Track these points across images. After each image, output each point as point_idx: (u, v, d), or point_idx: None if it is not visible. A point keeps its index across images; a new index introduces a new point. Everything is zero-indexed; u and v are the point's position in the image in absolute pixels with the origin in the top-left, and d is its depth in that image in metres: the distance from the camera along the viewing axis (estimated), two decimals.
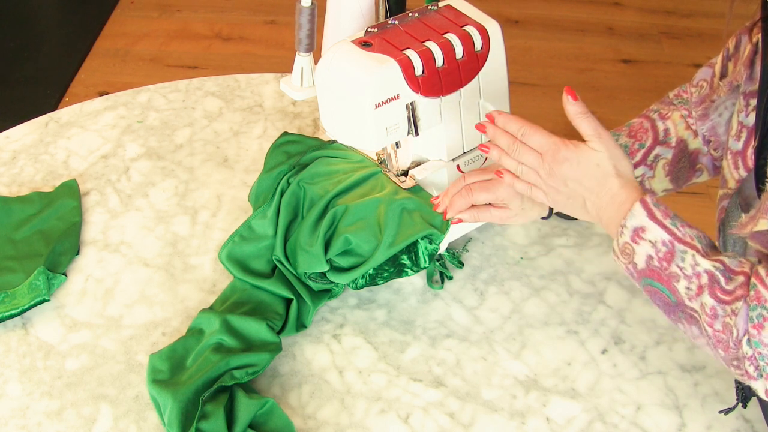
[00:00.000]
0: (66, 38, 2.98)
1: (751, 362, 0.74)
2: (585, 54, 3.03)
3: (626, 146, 1.01)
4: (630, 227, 0.80)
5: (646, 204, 0.80)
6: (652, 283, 0.80)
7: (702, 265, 0.77)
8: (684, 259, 0.78)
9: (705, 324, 0.77)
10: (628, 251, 0.81)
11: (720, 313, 0.75)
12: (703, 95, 0.97)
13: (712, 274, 0.76)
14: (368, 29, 0.99)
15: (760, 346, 0.72)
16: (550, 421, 0.94)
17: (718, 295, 0.76)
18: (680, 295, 0.78)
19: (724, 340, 0.76)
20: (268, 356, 0.95)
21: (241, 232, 1.08)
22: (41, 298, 1.01)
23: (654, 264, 0.79)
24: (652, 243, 0.79)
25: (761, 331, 0.72)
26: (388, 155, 1.07)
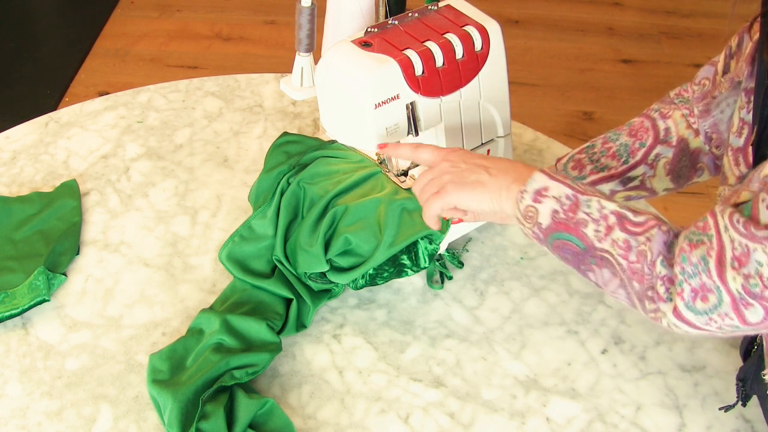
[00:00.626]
0: (66, 38, 2.98)
1: (663, 282, 0.75)
2: (585, 54, 3.03)
3: (627, 145, 1.01)
4: (531, 191, 0.82)
5: (545, 171, 0.83)
6: (559, 236, 0.81)
7: (608, 207, 0.79)
8: (590, 206, 0.79)
9: (619, 258, 0.77)
10: (531, 213, 0.82)
11: (633, 243, 0.77)
12: (705, 92, 0.97)
13: (618, 213, 0.78)
14: (368, 29, 0.99)
15: (685, 262, 0.73)
16: (550, 421, 0.94)
17: (628, 228, 0.78)
18: (589, 239, 0.79)
19: (639, 270, 0.77)
20: (268, 356, 0.95)
21: (241, 232, 1.08)
22: (41, 298, 1.01)
23: (560, 216, 0.80)
24: (556, 198, 0.80)
25: (693, 249, 0.73)
26: (388, 155, 1.07)
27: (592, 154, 1.03)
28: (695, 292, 0.72)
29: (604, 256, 0.79)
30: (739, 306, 0.71)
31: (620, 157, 1.01)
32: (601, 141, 1.04)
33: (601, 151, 1.03)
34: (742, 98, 0.85)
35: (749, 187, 0.76)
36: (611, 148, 1.02)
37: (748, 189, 0.76)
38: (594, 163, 1.02)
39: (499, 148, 1.12)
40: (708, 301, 0.72)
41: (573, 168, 1.03)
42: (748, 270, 0.69)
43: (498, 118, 1.10)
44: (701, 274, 0.72)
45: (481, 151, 1.10)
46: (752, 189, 0.75)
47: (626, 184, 1.02)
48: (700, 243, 0.73)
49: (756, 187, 0.74)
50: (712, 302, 0.72)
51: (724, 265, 0.71)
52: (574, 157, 1.04)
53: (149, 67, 2.84)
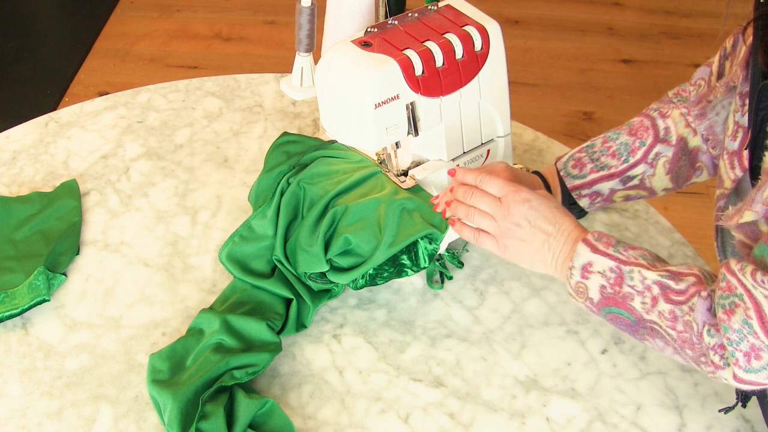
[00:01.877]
0: (66, 38, 2.99)
1: (715, 351, 0.76)
2: (585, 54, 3.03)
3: (627, 144, 1.01)
4: (578, 267, 0.83)
5: (587, 241, 0.84)
6: (610, 310, 0.83)
7: (650, 278, 0.80)
8: (632, 278, 0.81)
9: (667, 329, 0.79)
10: (582, 289, 0.84)
11: (678, 314, 0.78)
12: (700, 95, 0.98)
13: (660, 283, 0.79)
14: (368, 29, 0.99)
15: (728, 332, 0.74)
16: (550, 421, 0.94)
17: (672, 298, 0.78)
18: (638, 312, 0.81)
19: (688, 339, 0.78)
20: (268, 356, 0.95)
21: (241, 232, 1.08)
22: (41, 298, 1.01)
23: (607, 292, 0.82)
24: (601, 273, 0.82)
25: (731, 316, 0.73)
26: (388, 155, 1.07)
27: (592, 153, 1.03)
28: (748, 355, 0.73)
29: (654, 327, 0.80)
30: None
31: (620, 156, 1.01)
32: (600, 140, 1.04)
33: (601, 150, 1.03)
34: (736, 101, 0.85)
35: (752, 207, 0.76)
36: (611, 147, 1.02)
37: (750, 209, 0.76)
38: (594, 162, 1.02)
39: (499, 148, 1.12)
40: (762, 359, 0.73)
41: (573, 167, 1.03)
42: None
43: (498, 118, 1.10)
44: (747, 337, 0.73)
45: (482, 151, 1.10)
46: (755, 209, 0.75)
47: (626, 183, 1.02)
48: (734, 306, 0.73)
49: (759, 208, 0.75)
50: (766, 360, 0.73)
51: (766, 321, 0.72)
52: (574, 156, 1.04)
53: (149, 67, 2.84)
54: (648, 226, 1.19)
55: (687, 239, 1.18)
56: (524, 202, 0.88)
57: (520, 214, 0.87)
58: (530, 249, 0.88)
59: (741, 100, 0.85)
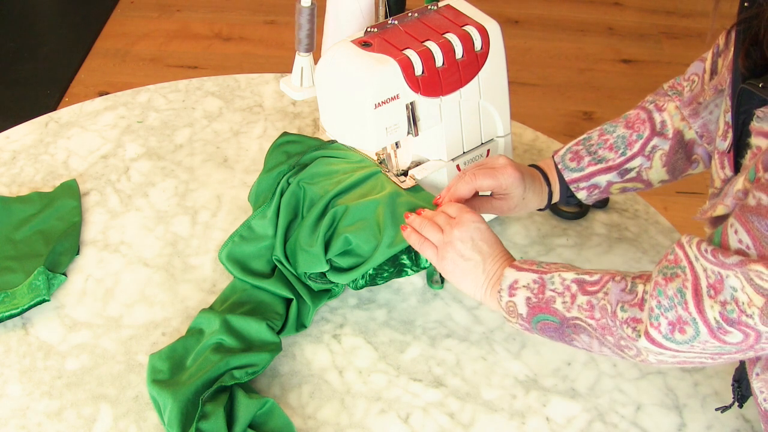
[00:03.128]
0: (66, 38, 2.99)
1: (628, 324, 0.78)
2: (585, 54, 3.03)
3: (624, 137, 1.02)
4: (505, 287, 0.87)
5: (513, 265, 0.88)
6: (538, 318, 0.85)
7: (568, 278, 0.84)
8: (553, 282, 0.84)
9: (587, 320, 0.81)
10: (512, 308, 0.86)
11: (594, 302, 0.81)
12: (692, 96, 0.98)
13: (577, 280, 0.83)
14: (368, 29, 0.99)
15: (662, 296, 0.75)
16: (550, 421, 0.94)
17: (588, 290, 0.82)
18: (560, 313, 0.83)
19: (605, 324, 0.80)
20: (268, 356, 0.95)
21: (241, 232, 1.08)
22: (41, 298, 1.01)
23: (533, 302, 0.85)
24: (526, 286, 0.85)
25: (668, 283, 0.75)
26: (388, 155, 1.07)
27: (589, 146, 1.03)
28: (672, 325, 0.74)
29: (577, 323, 0.82)
30: (716, 334, 0.72)
31: (618, 149, 1.02)
32: (597, 133, 1.04)
33: (598, 143, 1.03)
34: (726, 102, 0.86)
35: (723, 201, 0.77)
36: (608, 140, 1.03)
37: (722, 203, 0.77)
38: (592, 155, 1.03)
39: (499, 148, 1.12)
40: (686, 333, 0.74)
41: (571, 160, 1.03)
42: (724, 297, 0.71)
43: (498, 118, 1.10)
44: (677, 306, 0.73)
45: (481, 150, 1.10)
46: (726, 203, 0.76)
47: (623, 176, 1.03)
48: (674, 276, 0.75)
49: (730, 201, 0.76)
50: (690, 334, 0.73)
51: (700, 295, 0.72)
52: (571, 149, 1.04)
53: (149, 67, 2.84)
54: (648, 226, 1.19)
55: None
56: (473, 222, 0.91)
57: (467, 230, 0.91)
58: (466, 267, 0.90)
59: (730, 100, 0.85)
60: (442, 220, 0.94)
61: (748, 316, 0.70)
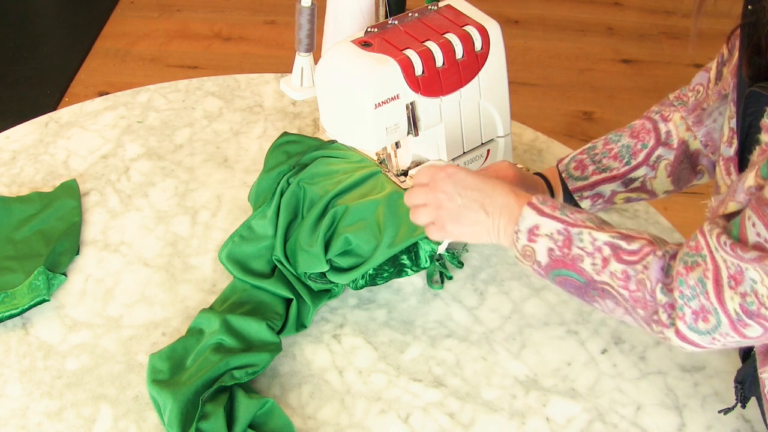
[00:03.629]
0: (66, 38, 2.98)
1: (665, 310, 0.76)
2: (585, 54, 3.03)
3: (629, 146, 1.02)
4: (524, 230, 0.82)
5: (533, 204, 0.83)
6: (559, 273, 0.82)
7: (600, 239, 0.79)
8: (582, 240, 0.80)
9: (620, 289, 0.78)
10: (529, 252, 0.83)
11: (631, 273, 0.78)
12: (695, 103, 0.98)
13: (611, 244, 0.79)
14: (368, 29, 0.99)
15: (683, 286, 0.74)
16: (550, 421, 0.94)
17: (624, 258, 0.78)
18: (588, 273, 0.80)
19: (641, 297, 0.77)
20: (268, 356, 0.95)
21: (241, 233, 1.08)
22: (41, 298, 1.01)
23: (556, 254, 0.81)
24: (549, 236, 0.81)
25: (689, 272, 0.74)
26: (388, 155, 1.08)
27: (593, 155, 1.03)
28: (696, 314, 0.74)
29: (605, 288, 0.79)
30: (737, 326, 0.72)
31: (622, 158, 1.02)
32: (602, 142, 1.04)
33: (602, 152, 1.03)
34: (731, 108, 0.86)
35: (734, 198, 0.77)
36: (613, 150, 1.02)
37: (733, 199, 0.77)
38: (596, 163, 1.02)
39: (499, 148, 1.12)
40: (709, 322, 0.73)
41: (575, 168, 1.03)
42: (744, 288, 0.71)
43: (498, 118, 1.10)
44: (699, 296, 0.73)
45: (482, 151, 1.10)
46: (738, 200, 0.76)
47: (628, 185, 1.02)
48: (695, 265, 0.74)
49: (741, 197, 0.75)
50: (713, 323, 0.73)
51: (721, 285, 0.72)
52: (575, 158, 1.04)
53: (149, 67, 2.84)
54: (648, 226, 1.19)
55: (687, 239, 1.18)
56: (447, 177, 0.87)
57: (446, 186, 0.87)
58: (468, 221, 0.86)
59: (735, 106, 0.85)
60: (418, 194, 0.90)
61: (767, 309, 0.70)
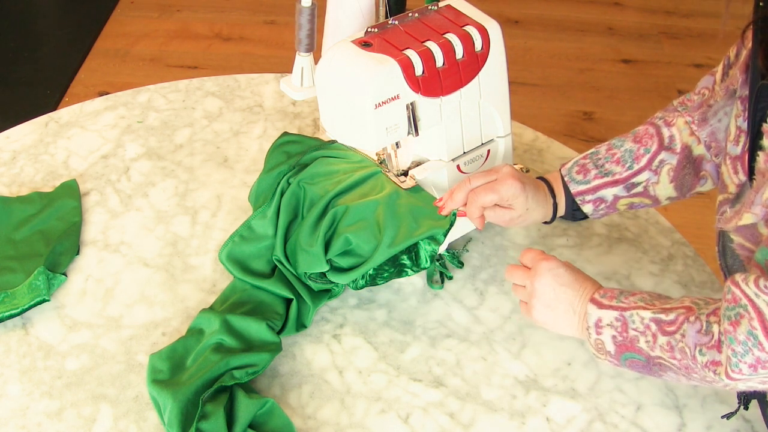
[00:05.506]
0: (66, 38, 2.98)
1: (708, 368, 0.79)
2: (585, 54, 3.03)
3: (632, 151, 1.01)
4: (592, 325, 0.88)
5: (594, 300, 0.88)
6: (626, 356, 0.86)
7: (646, 317, 0.84)
8: (634, 321, 0.85)
9: (670, 360, 0.82)
10: (600, 345, 0.87)
11: (674, 343, 0.81)
12: (700, 101, 0.98)
13: (656, 320, 0.84)
14: (368, 29, 0.99)
15: (734, 343, 0.75)
16: (550, 421, 0.94)
17: (666, 330, 0.82)
18: (645, 352, 0.84)
19: (687, 365, 0.81)
20: (268, 356, 0.95)
21: (241, 232, 1.08)
22: (41, 298, 1.01)
23: (618, 340, 0.86)
24: (610, 325, 0.86)
25: (737, 328, 0.75)
26: (388, 155, 1.07)
27: (596, 160, 1.03)
28: (753, 366, 0.75)
29: (661, 363, 0.83)
30: None
31: (624, 163, 1.01)
32: (605, 147, 1.04)
33: (605, 157, 1.03)
34: (738, 106, 0.85)
35: (750, 210, 0.77)
36: (615, 154, 1.02)
37: (749, 211, 0.77)
38: (598, 168, 1.02)
39: (499, 148, 1.12)
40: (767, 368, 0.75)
41: (577, 173, 1.03)
42: None
43: (498, 118, 1.10)
44: (752, 350, 0.74)
45: (482, 151, 1.10)
46: (754, 212, 0.76)
47: (630, 190, 1.02)
48: (739, 317, 0.75)
49: (759, 210, 0.76)
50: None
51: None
52: (578, 162, 1.04)
53: (149, 67, 2.84)
54: (648, 226, 1.19)
55: (687, 239, 1.18)
56: (549, 270, 0.92)
57: (545, 279, 0.92)
58: (556, 314, 0.91)
59: (742, 104, 0.85)
60: (520, 276, 0.95)
61: None
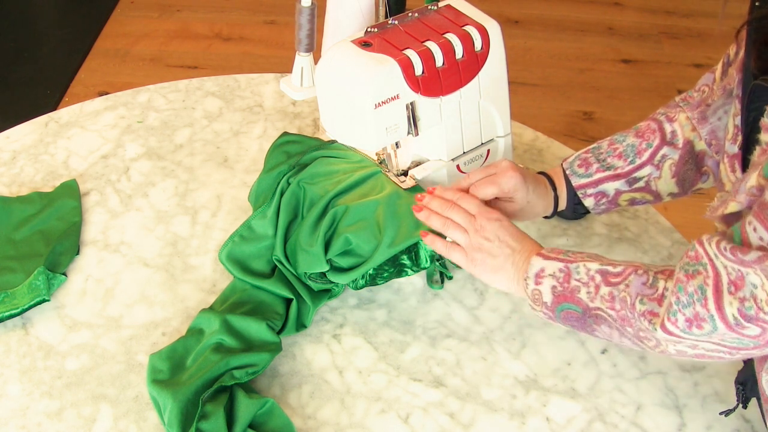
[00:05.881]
0: (66, 38, 2.98)
1: (644, 317, 0.79)
2: (585, 54, 3.03)
3: (634, 146, 1.02)
4: (532, 276, 0.88)
5: (540, 254, 0.89)
6: (562, 307, 0.86)
7: (593, 268, 0.85)
8: (579, 272, 0.85)
9: (608, 310, 0.82)
10: (537, 296, 0.88)
11: (615, 293, 0.82)
12: (700, 100, 0.98)
13: (602, 270, 0.84)
14: (368, 29, 0.99)
15: (682, 292, 0.76)
16: (550, 421, 0.94)
17: (611, 281, 0.83)
18: (584, 302, 0.84)
19: (625, 315, 0.81)
20: (268, 356, 0.95)
21: (241, 233, 1.08)
22: (41, 298, 1.01)
23: (558, 290, 0.86)
24: (552, 275, 0.86)
25: (690, 280, 0.75)
26: (388, 155, 1.07)
27: (598, 154, 1.03)
28: (689, 321, 0.75)
29: (599, 314, 0.83)
30: (734, 329, 0.73)
31: (627, 157, 1.02)
32: (607, 142, 1.04)
33: (607, 151, 1.03)
34: (735, 105, 0.86)
35: (736, 198, 0.77)
36: (618, 149, 1.02)
37: (734, 200, 0.77)
38: (600, 162, 1.03)
39: (499, 148, 1.12)
40: (703, 328, 0.75)
41: (579, 166, 1.03)
42: (744, 293, 0.72)
43: (498, 118, 1.10)
44: (696, 303, 0.75)
45: (482, 150, 1.10)
46: (739, 200, 0.77)
47: (632, 185, 1.02)
48: (696, 273, 0.75)
49: (743, 198, 0.76)
50: (707, 329, 0.75)
51: (721, 292, 0.73)
52: (580, 156, 1.04)
53: (149, 67, 2.84)
54: (648, 226, 1.19)
55: (687, 239, 1.18)
56: (496, 220, 0.93)
57: (491, 230, 0.92)
58: (496, 264, 0.91)
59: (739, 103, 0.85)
60: (463, 218, 0.94)
61: (765, 313, 0.71)
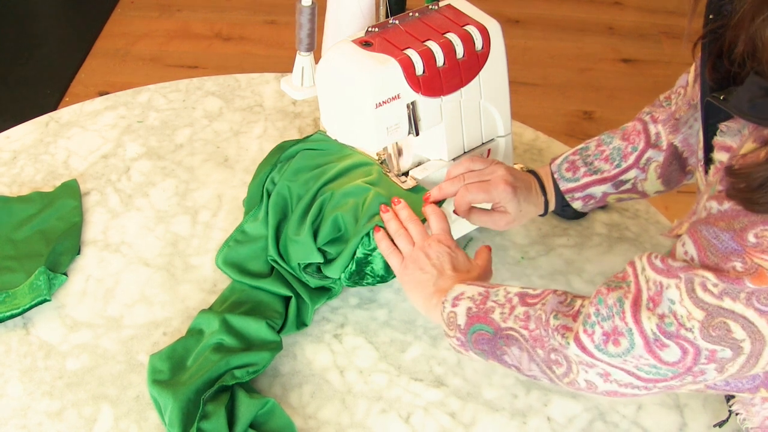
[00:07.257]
0: (66, 38, 2.99)
1: (558, 332, 0.77)
2: (585, 54, 3.03)
3: (620, 149, 1.02)
4: (450, 299, 0.87)
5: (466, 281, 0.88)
6: (474, 329, 0.84)
7: (512, 291, 0.84)
8: (497, 295, 0.84)
9: (521, 330, 0.80)
10: (452, 318, 0.86)
11: (531, 313, 0.80)
12: (669, 113, 0.99)
13: (521, 293, 0.84)
14: (369, 29, 0.99)
15: (601, 304, 0.74)
16: (551, 421, 0.94)
17: (528, 302, 0.82)
18: (496, 323, 0.82)
19: (538, 335, 0.79)
20: (268, 355, 0.95)
21: (236, 237, 1.09)
22: (42, 298, 1.01)
23: (473, 311, 0.84)
24: (470, 298, 0.85)
25: (610, 292, 0.74)
26: (389, 155, 1.08)
27: (585, 157, 1.04)
28: (607, 335, 0.73)
29: (510, 334, 0.81)
30: (653, 347, 0.70)
31: (613, 161, 1.02)
32: (595, 143, 1.05)
33: (594, 154, 1.03)
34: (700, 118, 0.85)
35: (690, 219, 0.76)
36: (604, 152, 1.03)
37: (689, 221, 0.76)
38: (587, 165, 1.03)
39: (500, 147, 1.12)
40: (620, 345, 0.72)
41: (567, 170, 1.04)
42: (662, 309, 0.70)
43: (498, 118, 1.10)
44: (615, 317, 0.72)
45: (482, 150, 1.10)
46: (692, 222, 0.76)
47: (618, 187, 1.03)
48: (618, 288, 0.74)
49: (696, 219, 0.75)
50: (624, 346, 0.72)
51: (639, 305, 0.71)
52: (568, 159, 1.05)
53: (149, 67, 2.84)
54: (648, 226, 1.19)
55: None
56: (446, 246, 0.93)
57: (437, 250, 0.93)
58: (421, 279, 0.91)
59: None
60: (417, 234, 0.95)
61: (687, 330, 0.68)
